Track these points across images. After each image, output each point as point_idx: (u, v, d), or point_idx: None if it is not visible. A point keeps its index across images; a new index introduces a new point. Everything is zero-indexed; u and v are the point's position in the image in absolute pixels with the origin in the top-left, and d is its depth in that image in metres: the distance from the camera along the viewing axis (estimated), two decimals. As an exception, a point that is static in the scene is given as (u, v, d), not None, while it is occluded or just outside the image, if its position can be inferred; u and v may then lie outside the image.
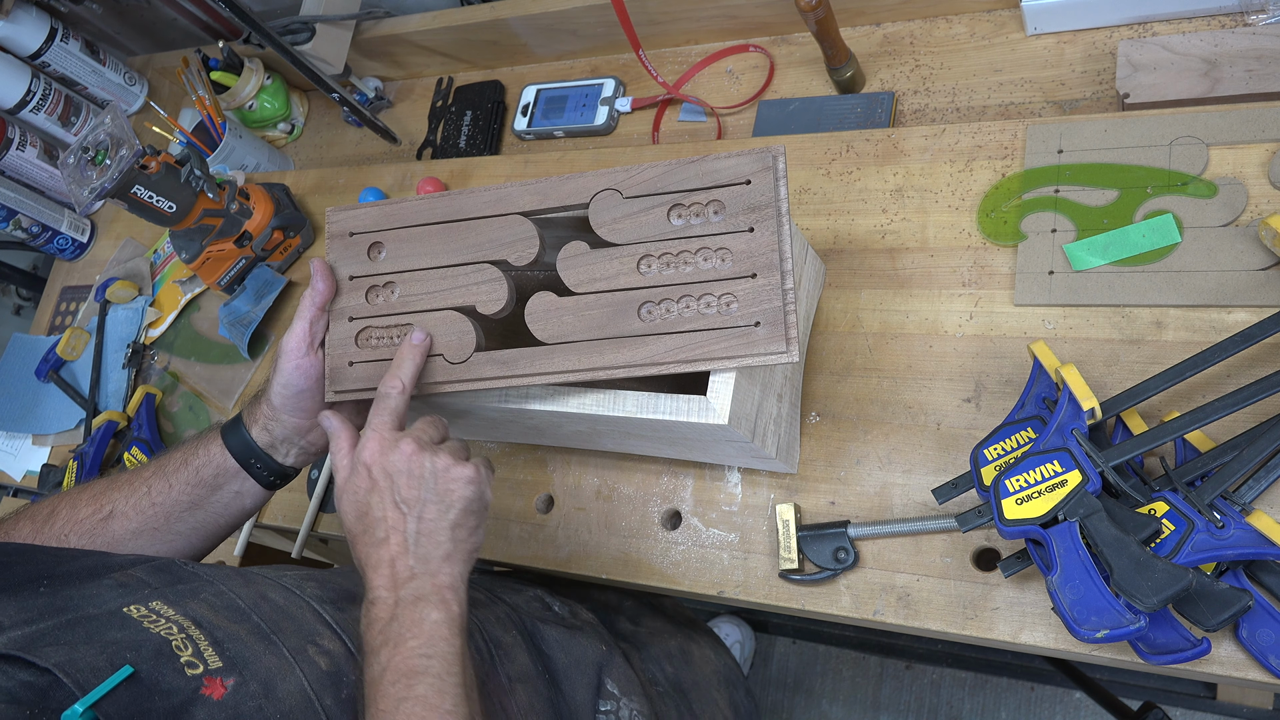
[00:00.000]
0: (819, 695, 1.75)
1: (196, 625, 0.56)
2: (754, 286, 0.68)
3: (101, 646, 0.51)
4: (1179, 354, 0.75)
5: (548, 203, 0.74)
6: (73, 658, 0.49)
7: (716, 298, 0.69)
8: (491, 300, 0.75)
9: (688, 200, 0.71)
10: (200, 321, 1.34)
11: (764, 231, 0.69)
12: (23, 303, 1.95)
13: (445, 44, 1.35)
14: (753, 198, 0.69)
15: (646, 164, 0.72)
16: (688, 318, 0.69)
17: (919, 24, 1.11)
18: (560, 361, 0.72)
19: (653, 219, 0.71)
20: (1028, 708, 1.61)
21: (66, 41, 1.50)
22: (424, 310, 0.77)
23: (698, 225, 0.70)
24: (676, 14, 1.18)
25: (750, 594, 0.85)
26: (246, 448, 0.77)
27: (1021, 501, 0.69)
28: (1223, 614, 0.63)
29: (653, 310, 0.70)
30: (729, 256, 0.69)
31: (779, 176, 0.69)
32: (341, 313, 0.80)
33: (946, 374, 0.85)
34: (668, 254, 0.70)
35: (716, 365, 0.68)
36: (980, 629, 0.76)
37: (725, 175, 0.70)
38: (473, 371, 0.75)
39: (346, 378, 0.78)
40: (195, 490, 0.76)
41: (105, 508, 0.74)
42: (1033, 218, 0.86)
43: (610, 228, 0.72)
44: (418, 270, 0.78)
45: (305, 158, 1.52)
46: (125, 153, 1.06)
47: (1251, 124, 0.81)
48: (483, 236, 0.76)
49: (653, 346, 0.69)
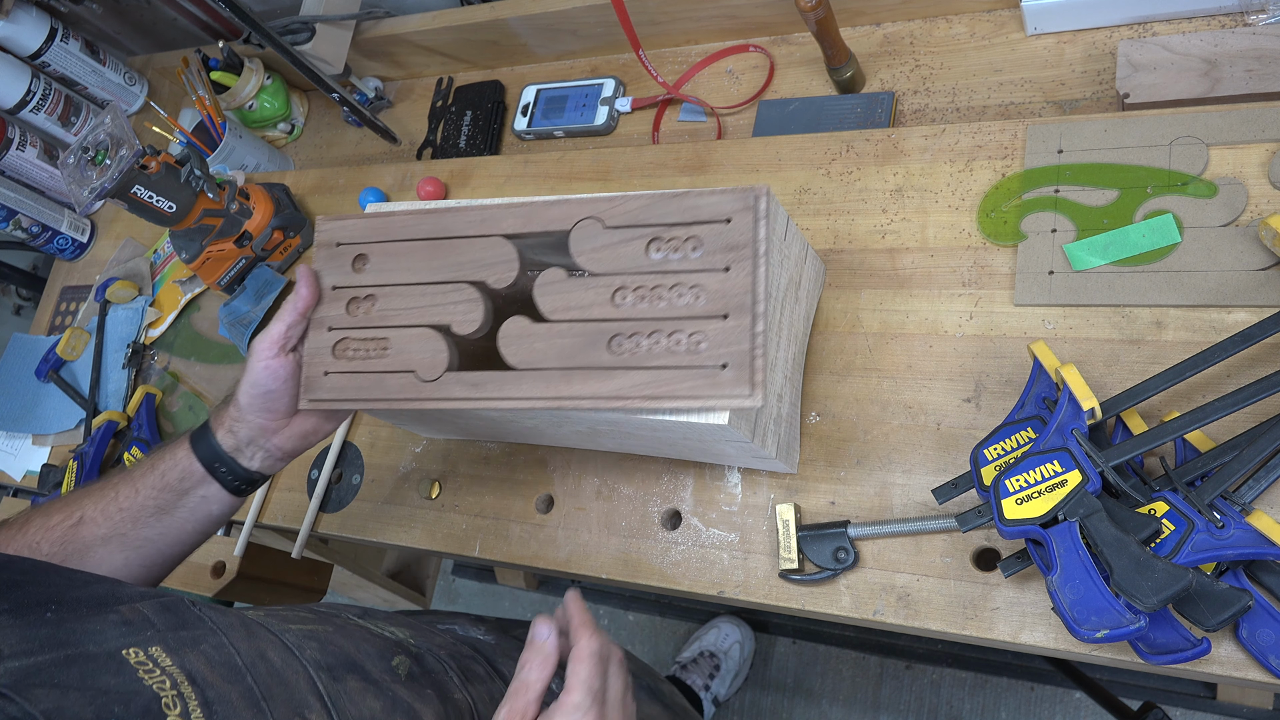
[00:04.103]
0: (819, 695, 1.75)
1: (190, 681, 0.55)
2: (724, 328, 0.67)
3: (92, 696, 0.51)
4: (1179, 354, 0.75)
5: (531, 226, 0.74)
6: (62, 706, 0.49)
7: (687, 336, 0.68)
8: (467, 321, 0.75)
9: (667, 234, 0.69)
10: (200, 321, 1.34)
11: (739, 272, 0.67)
12: (23, 303, 1.95)
13: (445, 44, 1.35)
14: (731, 237, 0.68)
15: (631, 194, 0.71)
16: (657, 353, 0.68)
17: (919, 24, 1.11)
18: (528, 388, 0.72)
19: (631, 251, 0.70)
20: (1028, 708, 1.61)
21: (66, 41, 1.50)
22: (401, 325, 0.77)
23: (675, 260, 0.69)
24: (676, 14, 1.18)
25: (750, 594, 0.85)
26: (212, 452, 0.78)
27: (1021, 501, 0.69)
28: (1223, 614, 0.63)
29: (623, 343, 0.69)
30: (703, 294, 0.68)
31: (760, 217, 0.67)
32: (321, 322, 0.80)
33: (946, 374, 0.85)
34: (643, 287, 0.69)
35: (680, 405, 0.68)
36: (980, 629, 0.76)
37: (706, 212, 0.68)
38: (442, 390, 0.75)
39: (321, 387, 0.79)
40: (162, 495, 0.76)
41: (75, 514, 0.74)
42: (1033, 218, 0.86)
43: (589, 256, 0.71)
44: (399, 285, 0.78)
45: (305, 158, 1.52)
46: (125, 153, 1.06)
47: (1251, 124, 0.81)
48: (465, 256, 0.76)
49: (620, 380, 0.69)
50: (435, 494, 1.02)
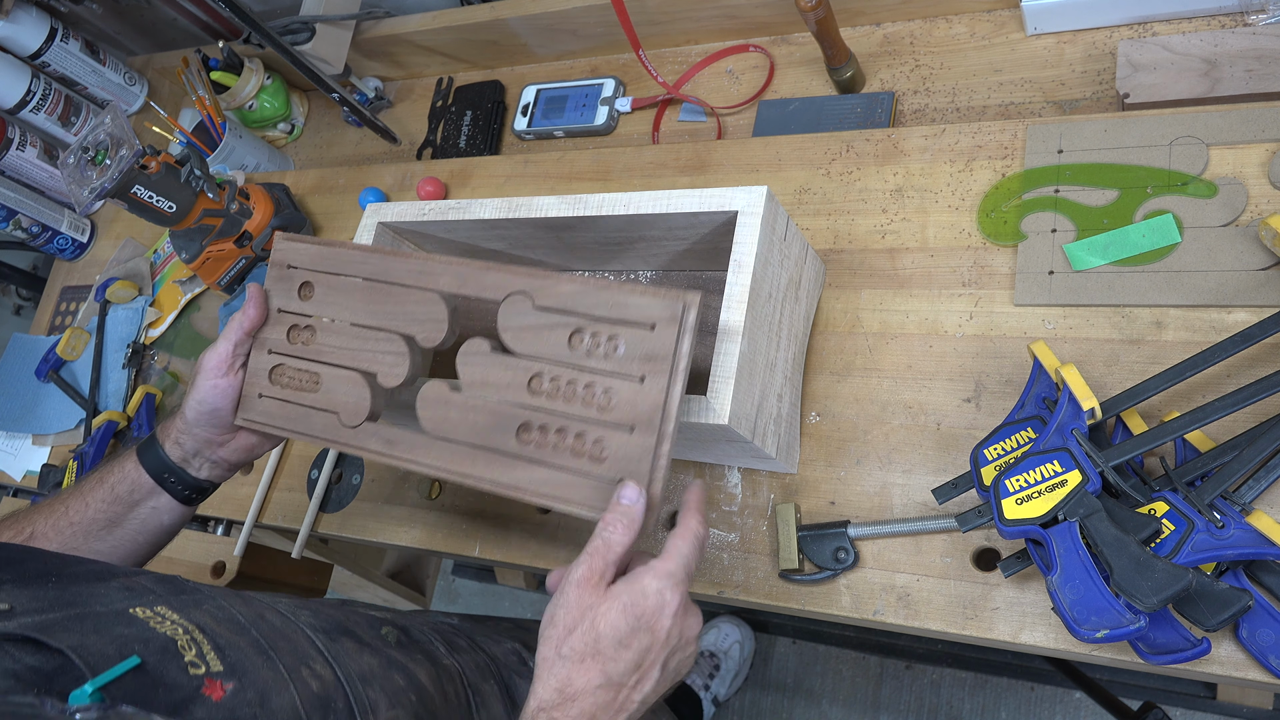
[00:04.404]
0: (819, 695, 1.75)
1: (200, 630, 0.57)
2: (627, 442, 0.64)
3: (111, 638, 0.52)
4: (1179, 354, 0.75)
5: (465, 289, 0.73)
6: (84, 643, 0.51)
7: (591, 441, 0.65)
8: (392, 374, 0.75)
9: (591, 328, 0.66)
10: (200, 321, 1.34)
11: (653, 386, 0.64)
12: (23, 303, 1.95)
13: (445, 44, 1.35)
14: (652, 346, 0.64)
15: (566, 275, 0.68)
16: (561, 451, 0.66)
17: (919, 24, 1.11)
18: (436, 457, 0.71)
19: (554, 338, 0.68)
20: (1028, 708, 1.61)
21: (66, 41, 1.50)
22: (333, 364, 0.78)
23: (594, 358, 0.66)
24: (676, 14, 1.18)
25: (750, 594, 0.85)
26: (160, 463, 0.78)
27: (1021, 501, 0.69)
28: (1223, 614, 0.63)
29: (530, 434, 0.68)
30: (614, 400, 0.65)
31: (685, 330, 0.63)
32: (263, 343, 0.81)
33: (946, 374, 0.85)
34: (559, 379, 0.67)
35: (574, 509, 0.66)
36: (980, 629, 0.76)
37: (632, 313, 0.65)
38: (359, 439, 0.75)
39: (254, 408, 0.80)
40: (112, 508, 0.77)
41: (26, 530, 0.75)
42: (1033, 218, 0.86)
43: (514, 334, 0.69)
44: (337, 322, 0.78)
45: (305, 158, 1.52)
46: (125, 153, 1.06)
47: (1251, 124, 0.81)
48: (399, 306, 0.75)
49: (520, 473, 0.68)
50: (435, 494, 1.02)
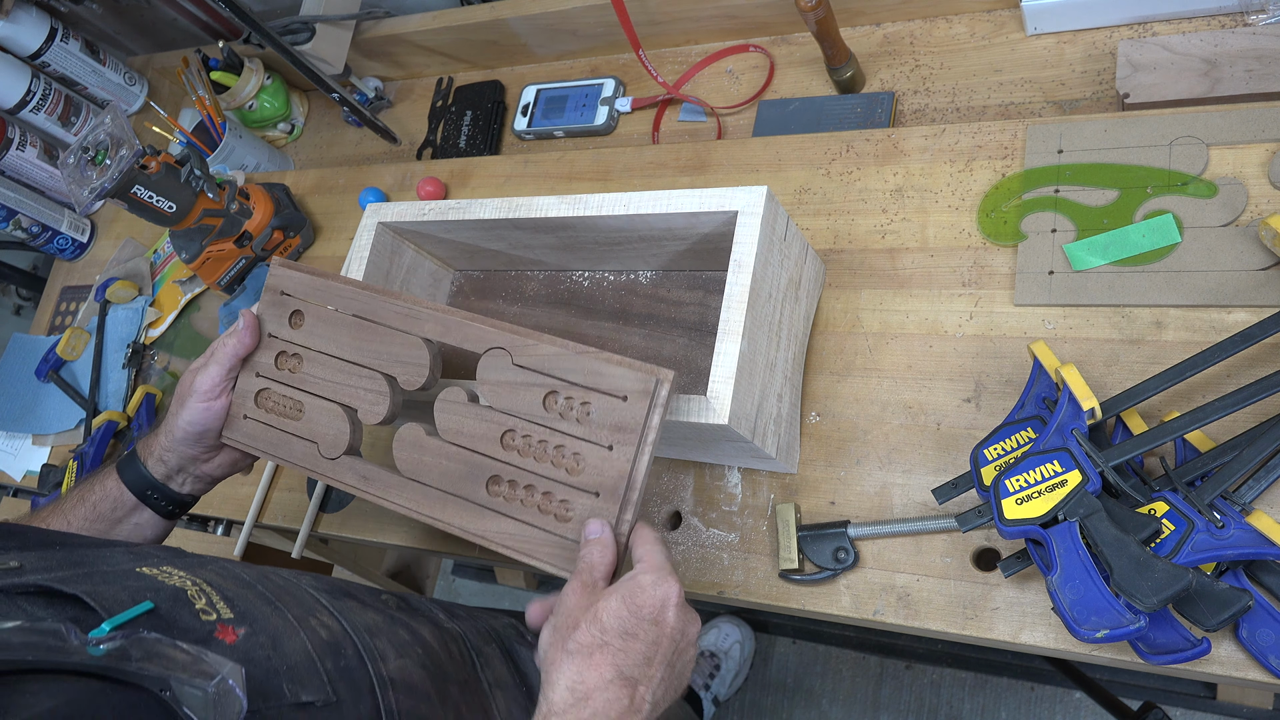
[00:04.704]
0: (819, 695, 1.75)
1: (208, 584, 0.58)
2: (593, 506, 0.66)
3: (123, 587, 0.53)
4: (1179, 354, 0.75)
5: (447, 338, 0.74)
6: (98, 589, 0.52)
7: (558, 500, 0.67)
8: (372, 412, 0.77)
9: (565, 391, 0.68)
10: (200, 321, 1.34)
11: (621, 455, 0.65)
12: (23, 303, 1.96)
13: (445, 44, 1.35)
14: (622, 417, 0.66)
15: (547, 338, 0.70)
16: (528, 507, 0.68)
17: (919, 24, 1.11)
18: (409, 498, 0.73)
19: (529, 397, 0.69)
20: (1028, 708, 1.61)
21: (66, 41, 1.50)
22: (317, 395, 0.79)
23: (567, 421, 0.68)
24: (676, 14, 1.18)
25: (750, 594, 0.85)
26: (143, 480, 0.79)
27: (1021, 501, 0.69)
28: (1223, 614, 0.63)
29: (499, 487, 0.70)
30: (583, 465, 0.67)
31: (656, 404, 0.65)
32: (252, 366, 0.82)
33: (946, 374, 0.85)
34: (530, 438, 0.69)
35: (537, 564, 0.67)
36: (980, 629, 0.76)
37: (606, 383, 0.67)
38: (337, 471, 0.77)
39: (238, 429, 0.81)
40: (94, 525, 0.77)
41: None
42: (1033, 218, 0.86)
43: (491, 388, 0.71)
44: (324, 354, 0.79)
45: (305, 158, 1.52)
46: (125, 153, 1.06)
47: (1251, 124, 0.81)
48: (384, 346, 0.77)
49: (488, 524, 0.69)
50: (435, 494, 1.02)
